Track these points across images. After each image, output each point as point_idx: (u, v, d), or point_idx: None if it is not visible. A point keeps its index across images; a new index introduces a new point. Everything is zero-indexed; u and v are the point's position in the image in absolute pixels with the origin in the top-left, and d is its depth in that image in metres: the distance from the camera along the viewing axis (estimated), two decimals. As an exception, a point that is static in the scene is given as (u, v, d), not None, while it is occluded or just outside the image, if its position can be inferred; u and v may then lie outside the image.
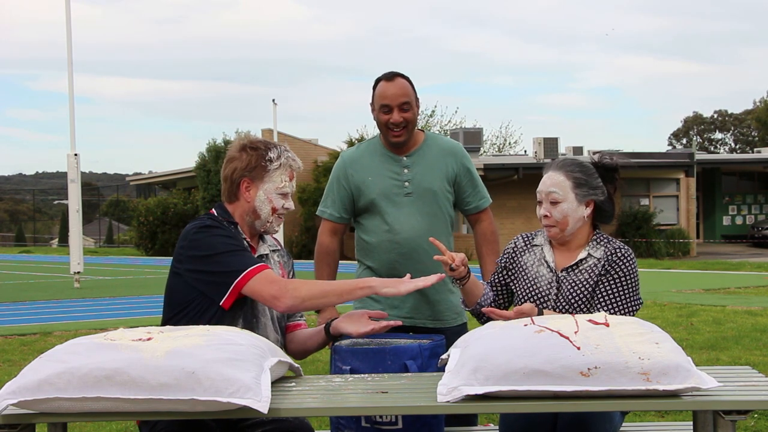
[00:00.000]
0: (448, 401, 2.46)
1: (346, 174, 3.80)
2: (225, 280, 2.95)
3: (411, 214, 3.71)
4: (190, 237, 3.03)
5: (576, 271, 3.19)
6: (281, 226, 3.37)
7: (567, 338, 2.48)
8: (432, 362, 3.18)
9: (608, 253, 3.18)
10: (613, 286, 3.15)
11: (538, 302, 3.20)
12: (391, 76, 3.68)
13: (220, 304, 2.97)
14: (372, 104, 3.75)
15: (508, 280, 3.34)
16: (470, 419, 3.64)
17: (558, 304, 3.18)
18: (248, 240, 3.16)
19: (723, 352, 7.83)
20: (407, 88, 3.68)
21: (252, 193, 3.12)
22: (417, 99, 3.73)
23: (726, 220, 34.56)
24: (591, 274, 3.17)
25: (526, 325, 2.61)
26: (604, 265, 3.17)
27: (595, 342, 2.47)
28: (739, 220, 34.56)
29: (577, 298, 3.16)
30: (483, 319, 3.29)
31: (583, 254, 3.20)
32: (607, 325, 2.57)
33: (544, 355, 2.43)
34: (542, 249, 3.27)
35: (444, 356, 2.85)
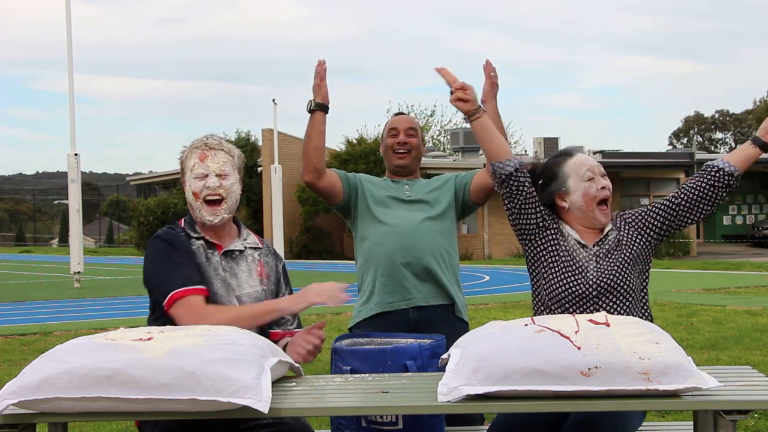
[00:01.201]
0: (448, 401, 2.46)
1: (357, 174, 3.94)
2: (157, 298, 3.06)
3: (409, 211, 3.75)
4: (146, 247, 3.18)
5: (605, 240, 3.18)
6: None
7: (567, 338, 2.48)
8: (432, 362, 3.18)
9: (620, 216, 3.25)
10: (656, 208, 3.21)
11: (577, 275, 3.12)
12: (399, 113, 4.04)
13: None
14: (381, 139, 3.98)
15: (537, 208, 3.17)
16: (474, 419, 3.63)
17: (599, 275, 3.10)
18: (210, 239, 3.15)
19: (723, 352, 7.83)
20: (415, 122, 3.95)
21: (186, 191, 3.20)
22: (423, 138, 3.97)
23: (726, 220, 34.58)
24: (625, 233, 3.19)
25: (526, 325, 2.61)
26: (626, 224, 3.21)
27: (595, 342, 2.47)
28: (739, 220, 34.58)
29: (615, 261, 3.13)
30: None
31: (608, 227, 3.21)
32: (608, 325, 2.57)
33: (545, 355, 2.43)
34: (569, 230, 3.21)
35: (444, 356, 2.85)
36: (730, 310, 11.27)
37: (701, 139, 63.70)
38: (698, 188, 3.17)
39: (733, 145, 64.56)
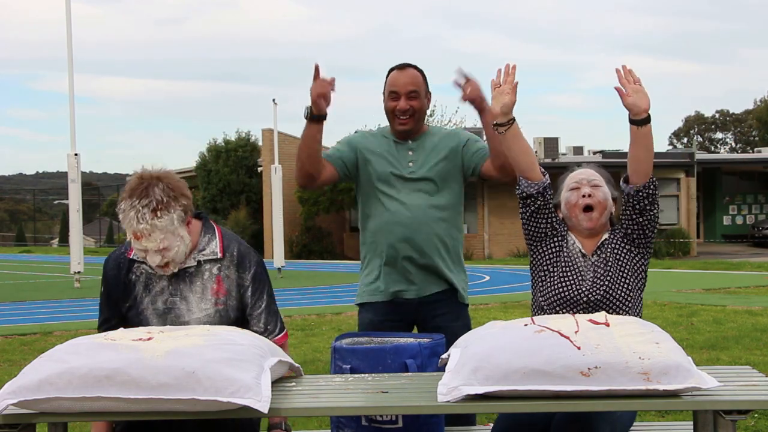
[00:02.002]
0: (448, 401, 2.46)
1: (356, 142, 3.81)
2: None
3: (413, 192, 3.72)
4: None
5: (602, 248, 3.24)
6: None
7: (567, 338, 2.48)
8: (432, 361, 3.19)
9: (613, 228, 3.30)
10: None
11: (572, 282, 3.19)
12: (402, 66, 3.76)
13: None
14: (383, 93, 3.80)
15: (549, 217, 3.26)
16: (469, 419, 3.64)
17: (595, 285, 3.17)
18: (155, 268, 2.98)
19: (723, 351, 7.83)
20: (417, 78, 3.74)
21: None
22: (428, 91, 3.78)
23: (726, 220, 34.57)
24: (616, 245, 3.23)
25: (526, 324, 2.62)
26: (617, 233, 3.25)
27: (595, 342, 2.47)
28: (739, 220, 34.56)
29: (612, 272, 3.18)
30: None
31: (605, 236, 3.26)
32: (608, 325, 2.58)
33: (545, 355, 2.43)
34: (573, 238, 3.28)
35: (444, 356, 2.85)
36: (730, 310, 11.26)
37: (701, 139, 63.70)
38: (632, 220, 3.20)
39: (733, 145, 64.56)
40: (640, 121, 3.10)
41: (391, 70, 3.78)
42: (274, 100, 22.83)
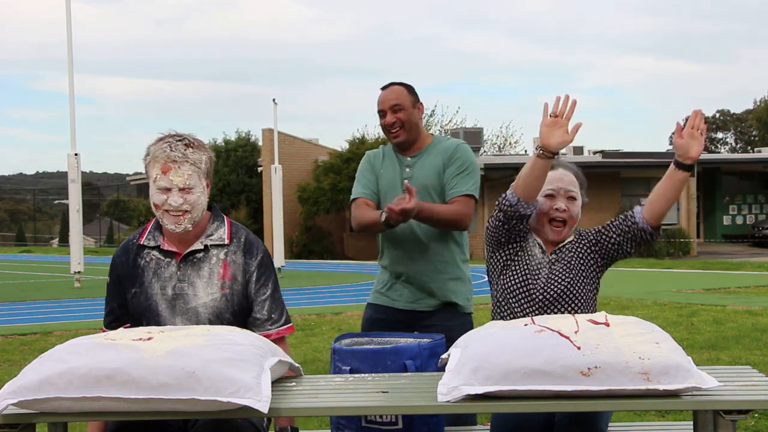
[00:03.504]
0: (448, 401, 2.46)
1: (371, 165, 3.94)
2: None
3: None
4: None
5: (562, 249, 3.26)
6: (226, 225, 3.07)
7: (567, 338, 2.48)
8: (431, 361, 3.19)
9: (579, 231, 3.31)
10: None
11: (530, 275, 3.22)
12: (386, 85, 3.88)
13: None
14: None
15: (511, 229, 3.23)
16: (470, 419, 3.64)
17: (549, 282, 3.20)
18: (169, 248, 3.02)
19: (723, 351, 7.84)
20: (400, 92, 3.82)
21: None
22: (414, 101, 3.83)
23: (726, 220, 34.57)
24: (580, 247, 3.25)
25: (526, 324, 2.62)
26: (583, 237, 3.27)
27: (595, 342, 2.47)
28: (739, 220, 34.56)
29: (569, 272, 3.21)
30: None
31: (570, 238, 3.28)
32: (608, 325, 2.58)
33: (545, 354, 2.43)
34: (534, 236, 3.30)
35: (444, 356, 2.85)
36: (730, 310, 11.27)
37: (701, 139, 63.61)
38: (616, 235, 3.21)
39: (733, 144, 64.57)
40: (681, 164, 3.10)
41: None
42: (274, 100, 22.82)
